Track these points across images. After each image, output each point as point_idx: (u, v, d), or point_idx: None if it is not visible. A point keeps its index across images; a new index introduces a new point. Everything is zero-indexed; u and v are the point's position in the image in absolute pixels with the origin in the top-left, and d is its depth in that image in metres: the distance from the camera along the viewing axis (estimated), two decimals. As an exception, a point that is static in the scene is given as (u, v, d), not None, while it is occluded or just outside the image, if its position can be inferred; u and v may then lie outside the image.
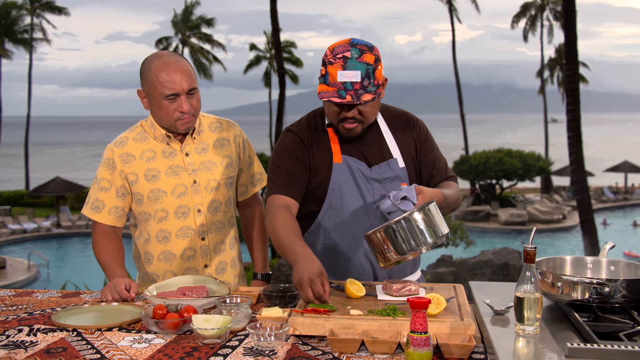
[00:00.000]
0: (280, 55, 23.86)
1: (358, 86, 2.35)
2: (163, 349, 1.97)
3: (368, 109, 2.46)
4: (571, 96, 15.70)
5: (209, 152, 2.78)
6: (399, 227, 2.14)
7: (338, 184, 2.55)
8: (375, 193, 2.55)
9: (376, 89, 2.38)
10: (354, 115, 2.45)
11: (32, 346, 2.00)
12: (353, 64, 2.36)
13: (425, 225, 2.16)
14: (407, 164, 2.61)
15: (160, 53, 2.66)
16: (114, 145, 2.74)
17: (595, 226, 15.77)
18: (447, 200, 2.48)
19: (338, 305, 2.16)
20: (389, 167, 2.57)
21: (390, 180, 2.57)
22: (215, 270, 2.81)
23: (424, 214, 2.17)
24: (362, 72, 2.35)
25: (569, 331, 1.91)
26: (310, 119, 2.65)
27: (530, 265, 1.89)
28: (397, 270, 2.63)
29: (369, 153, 2.58)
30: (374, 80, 2.38)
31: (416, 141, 2.65)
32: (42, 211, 35.38)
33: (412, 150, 2.64)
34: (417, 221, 2.15)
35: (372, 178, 2.56)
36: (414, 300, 1.80)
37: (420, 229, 2.15)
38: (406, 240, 2.15)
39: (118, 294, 2.50)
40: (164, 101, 2.60)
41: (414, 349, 1.79)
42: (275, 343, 1.96)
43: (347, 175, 2.55)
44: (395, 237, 2.15)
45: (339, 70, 2.36)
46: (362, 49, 2.38)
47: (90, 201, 2.76)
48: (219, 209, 2.79)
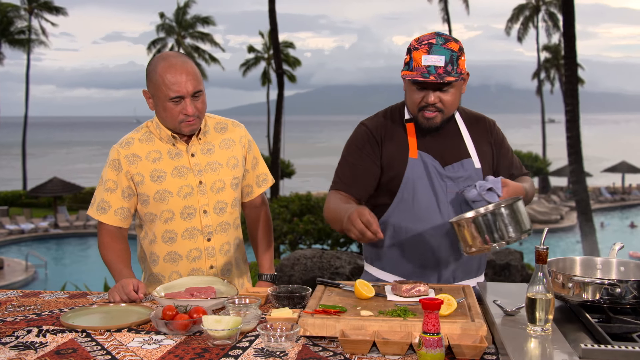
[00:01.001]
0: (278, 56, 23.86)
1: (442, 70, 2.42)
2: (173, 349, 1.96)
3: (449, 98, 2.49)
4: (570, 97, 15.73)
5: (214, 152, 2.77)
6: (488, 219, 2.25)
7: (412, 179, 2.57)
8: (449, 191, 2.57)
9: (459, 76, 2.43)
10: (435, 103, 2.48)
11: (42, 347, 1.99)
12: (438, 49, 2.43)
13: (511, 220, 2.25)
14: (482, 165, 2.62)
15: (167, 54, 2.65)
16: (119, 146, 2.73)
17: (594, 227, 15.80)
18: (527, 195, 2.57)
19: (348, 306, 2.15)
20: (462, 167, 2.59)
21: (463, 180, 2.58)
22: (221, 271, 2.81)
23: (511, 210, 2.25)
24: (447, 57, 2.42)
25: (580, 332, 1.91)
26: (388, 113, 2.70)
27: (542, 266, 1.88)
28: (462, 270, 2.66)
29: (446, 150, 2.60)
30: (457, 68, 2.43)
31: (492, 144, 2.69)
32: (39, 212, 35.33)
33: (487, 152, 2.66)
34: (504, 215, 2.24)
35: (447, 176, 2.58)
36: (426, 301, 1.80)
37: (506, 223, 2.24)
38: (492, 232, 2.24)
39: (126, 295, 2.49)
40: (169, 103, 2.59)
41: (427, 350, 1.79)
42: (286, 344, 1.95)
43: (421, 170, 2.57)
44: (483, 227, 2.25)
45: (423, 54, 2.43)
46: (447, 38, 2.47)
47: (95, 202, 2.75)
48: (224, 210, 2.78)
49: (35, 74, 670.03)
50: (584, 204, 15.70)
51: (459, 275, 2.66)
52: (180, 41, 45.73)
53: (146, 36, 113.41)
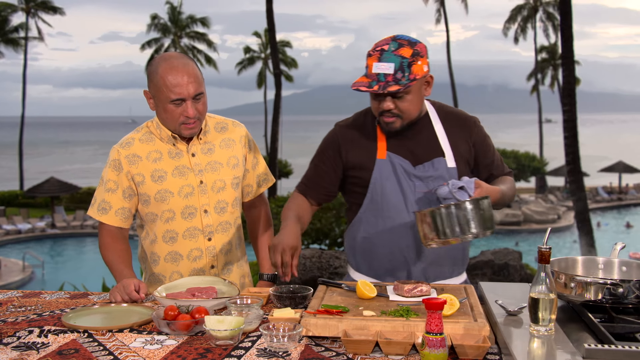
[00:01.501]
0: (276, 56, 23.86)
1: (390, 78, 2.40)
2: (176, 350, 1.96)
3: (405, 104, 2.49)
4: (567, 96, 15.74)
5: (215, 152, 2.77)
6: (448, 212, 2.23)
7: (380, 180, 2.59)
8: (417, 191, 2.57)
9: (408, 82, 2.40)
10: (391, 109, 2.48)
11: (43, 347, 1.98)
12: (388, 56, 2.42)
13: (473, 216, 2.23)
14: (458, 164, 2.61)
15: (168, 55, 2.63)
16: (119, 146, 2.72)
17: (591, 226, 15.82)
18: (504, 196, 2.54)
19: (350, 306, 2.15)
20: (432, 167, 2.58)
21: (433, 179, 2.57)
22: (222, 271, 2.80)
23: (475, 206, 2.24)
24: (396, 65, 2.40)
25: (583, 332, 1.91)
26: (361, 116, 2.72)
27: (545, 265, 1.89)
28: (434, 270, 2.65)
29: (417, 151, 2.60)
30: (408, 74, 2.41)
31: (470, 142, 2.65)
32: (36, 212, 35.28)
33: (465, 150, 2.64)
34: (466, 210, 2.23)
35: (415, 175, 2.58)
36: (429, 301, 1.80)
37: (467, 219, 2.23)
38: (451, 225, 2.23)
39: (127, 295, 2.48)
40: (170, 105, 2.58)
41: (430, 350, 1.79)
42: (289, 344, 1.95)
43: (389, 171, 2.58)
44: (442, 219, 2.23)
45: (374, 62, 2.43)
46: (402, 43, 2.44)
47: (96, 202, 2.74)
48: (225, 210, 2.78)
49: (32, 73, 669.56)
50: (582, 204, 15.72)
51: (430, 275, 2.64)
52: (176, 41, 45.68)
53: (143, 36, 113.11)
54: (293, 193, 2.77)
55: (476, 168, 2.68)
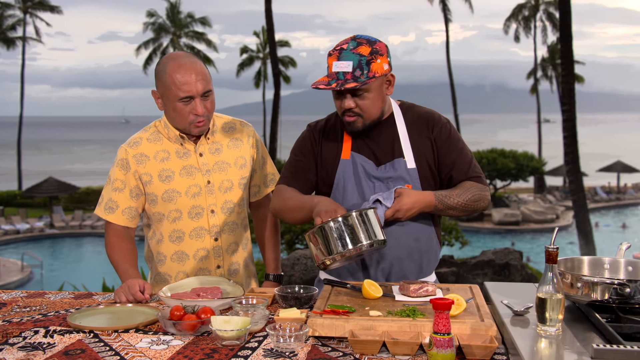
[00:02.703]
0: (275, 56, 23.83)
1: (349, 76, 2.41)
2: (182, 350, 1.96)
3: (366, 103, 2.49)
4: (567, 96, 15.75)
5: (222, 152, 2.77)
6: (325, 230, 2.22)
7: (342, 180, 2.59)
8: (377, 192, 2.55)
9: (367, 80, 2.40)
10: (351, 107, 2.49)
11: (50, 348, 1.98)
12: (346, 54, 2.43)
13: (342, 233, 2.20)
14: (419, 165, 2.58)
15: (176, 54, 2.64)
16: (127, 145, 2.72)
17: (590, 226, 15.84)
18: (446, 201, 2.48)
19: (356, 306, 2.15)
20: (392, 167, 2.57)
21: (392, 180, 2.56)
22: (228, 271, 2.80)
23: (336, 223, 2.21)
24: (354, 63, 2.41)
25: (590, 332, 1.91)
26: (332, 117, 2.72)
27: (552, 265, 1.88)
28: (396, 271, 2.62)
29: (380, 151, 2.60)
30: (367, 72, 2.41)
31: (433, 142, 2.61)
32: (35, 212, 35.23)
33: (427, 151, 2.60)
34: (331, 230, 2.21)
35: (375, 176, 2.57)
36: (437, 301, 1.80)
37: (338, 236, 2.21)
38: (329, 244, 2.21)
39: (132, 295, 2.48)
40: (178, 103, 2.58)
41: (437, 350, 1.79)
42: (295, 344, 1.95)
43: (350, 171, 2.59)
44: (324, 237, 2.22)
45: (334, 60, 2.45)
46: (361, 42, 2.46)
47: (103, 202, 2.74)
48: (232, 210, 2.78)
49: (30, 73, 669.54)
50: (581, 203, 15.74)
51: (393, 276, 2.61)
52: (175, 41, 45.64)
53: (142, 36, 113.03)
54: (278, 187, 2.68)
55: (437, 168, 2.62)
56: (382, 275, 2.62)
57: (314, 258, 2.29)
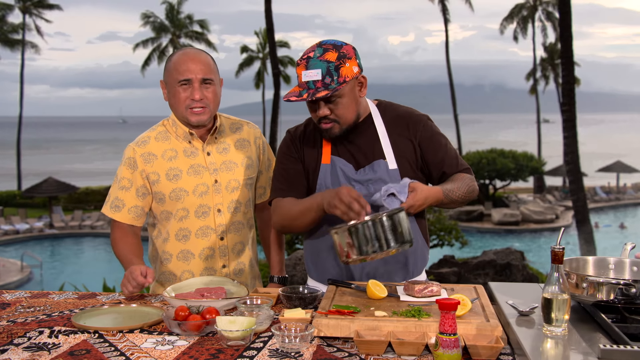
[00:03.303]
0: (275, 56, 23.83)
1: (320, 84, 2.39)
2: (187, 350, 1.95)
3: (340, 109, 2.47)
4: (567, 96, 15.76)
5: (230, 152, 2.77)
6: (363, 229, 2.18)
7: (324, 185, 2.58)
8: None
9: (337, 86, 2.39)
10: (327, 115, 2.47)
11: (55, 348, 1.98)
12: (314, 62, 2.41)
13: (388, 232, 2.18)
14: (400, 166, 2.56)
15: (187, 48, 2.70)
16: (135, 144, 2.73)
17: (590, 226, 15.84)
18: (450, 194, 2.49)
19: (361, 307, 2.15)
20: (372, 170, 2.55)
21: (373, 182, 2.54)
22: (234, 271, 2.80)
23: (391, 221, 2.19)
24: (323, 70, 2.39)
25: (596, 332, 1.91)
26: (310, 121, 2.69)
27: (558, 266, 1.88)
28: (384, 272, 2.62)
29: (359, 154, 2.58)
30: (337, 78, 2.39)
31: (415, 142, 2.59)
32: (34, 212, 35.21)
33: (408, 151, 2.58)
34: (382, 225, 2.18)
35: (355, 179, 2.56)
36: (443, 302, 1.80)
37: (383, 234, 2.18)
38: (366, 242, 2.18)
39: (134, 280, 2.46)
40: (178, 87, 2.62)
41: (443, 351, 1.78)
42: (301, 345, 1.94)
43: (331, 176, 2.58)
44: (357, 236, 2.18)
45: (302, 70, 2.42)
46: (327, 48, 2.42)
47: (110, 200, 2.74)
48: (238, 210, 2.78)
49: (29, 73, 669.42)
50: (581, 204, 15.74)
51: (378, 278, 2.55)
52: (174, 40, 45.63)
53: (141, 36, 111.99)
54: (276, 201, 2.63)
55: (426, 167, 2.62)
56: (366, 278, 2.58)
57: (339, 253, 2.25)
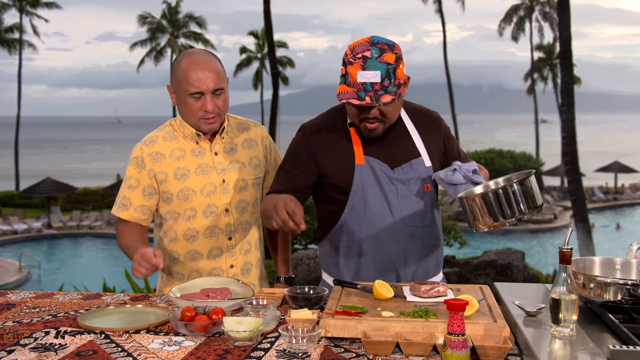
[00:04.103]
0: (273, 56, 23.81)
1: (378, 87, 2.32)
2: (195, 351, 1.95)
3: (390, 109, 2.44)
4: (566, 97, 15.76)
5: (237, 152, 2.77)
6: (500, 194, 2.19)
7: (361, 186, 2.53)
8: (400, 194, 2.53)
9: (397, 89, 2.35)
10: (375, 115, 2.43)
11: (62, 349, 1.97)
12: (373, 63, 2.32)
13: (524, 196, 2.20)
14: (433, 163, 2.58)
15: (193, 50, 2.66)
16: (143, 144, 2.72)
17: (589, 226, 15.85)
18: None
19: (368, 307, 2.15)
20: (411, 168, 2.55)
21: (414, 181, 2.54)
22: (241, 270, 2.80)
23: (524, 185, 2.20)
24: (382, 72, 2.32)
25: (603, 333, 1.91)
26: (329, 118, 2.63)
27: (566, 266, 1.88)
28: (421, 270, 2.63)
29: (394, 153, 2.55)
30: (394, 80, 2.34)
31: (440, 138, 2.63)
32: (32, 212, 35.20)
33: (437, 147, 2.61)
34: (517, 191, 2.19)
35: (396, 179, 2.54)
36: (451, 302, 1.79)
37: (518, 200, 2.19)
38: (503, 207, 2.19)
39: (147, 262, 2.38)
40: (189, 99, 2.59)
41: (452, 351, 1.78)
42: (308, 345, 1.94)
43: (370, 176, 2.53)
44: (494, 202, 2.19)
45: (358, 70, 2.32)
46: (383, 48, 2.35)
47: (118, 200, 2.74)
48: (246, 209, 2.78)
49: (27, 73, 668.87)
50: (580, 204, 15.75)
51: (417, 276, 2.62)
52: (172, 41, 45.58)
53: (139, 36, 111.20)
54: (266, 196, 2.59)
55: (445, 161, 2.64)
56: (411, 277, 2.61)
57: (470, 220, 2.25)
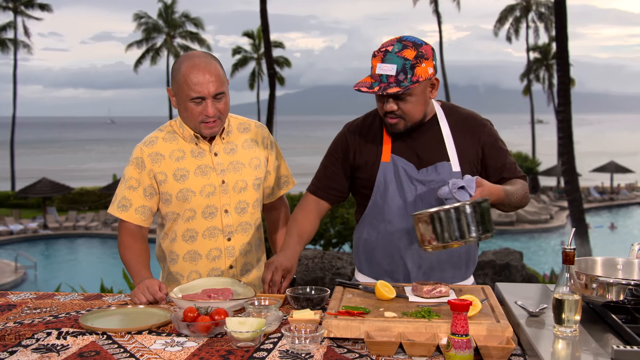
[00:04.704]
0: (270, 56, 23.80)
1: (392, 79, 2.39)
2: (197, 352, 1.94)
3: (408, 106, 2.47)
4: (562, 97, 15.79)
5: (237, 152, 2.77)
6: (447, 215, 2.18)
7: (383, 183, 2.58)
8: (418, 194, 2.55)
9: (410, 84, 2.38)
10: (393, 110, 2.47)
11: (64, 350, 1.97)
12: (391, 57, 2.40)
13: (472, 220, 2.18)
14: (463, 168, 2.57)
15: (193, 53, 2.64)
16: (143, 144, 2.72)
17: (586, 227, 15.88)
18: (510, 196, 2.47)
19: (370, 307, 2.14)
20: (435, 171, 2.55)
21: (435, 183, 2.54)
22: (241, 271, 2.80)
23: (473, 209, 2.18)
24: (399, 66, 2.38)
25: (606, 333, 1.91)
26: (369, 117, 2.72)
27: (569, 266, 1.88)
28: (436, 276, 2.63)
29: (422, 153, 2.58)
30: (411, 76, 2.39)
31: (479, 146, 2.60)
32: (28, 212, 35.11)
33: (472, 154, 2.59)
34: (465, 213, 2.17)
35: (417, 179, 2.55)
36: (455, 302, 1.79)
37: (467, 222, 2.18)
38: (450, 229, 2.18)
39: (152, 295, 2.45)
40: (190, 103, 2.58)
41: (456, 352, 1.78)
42: (311, 346, 1.94)
43: (392, 174, 2.58)
44: (441, 223, 2.18)
45: (378, 62, 2.42)
46: (406, 45, 2.42)
47: (117, 200, 2.73)
48: (246, 210, 2.77)
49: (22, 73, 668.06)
50: (577, 204, 15.77)
51: (433, 278, 2.62)
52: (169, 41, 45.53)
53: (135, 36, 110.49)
54: (304, 195, 2.77)
55: (485, 171, 2.62)
56: (423, 277, 2.62)
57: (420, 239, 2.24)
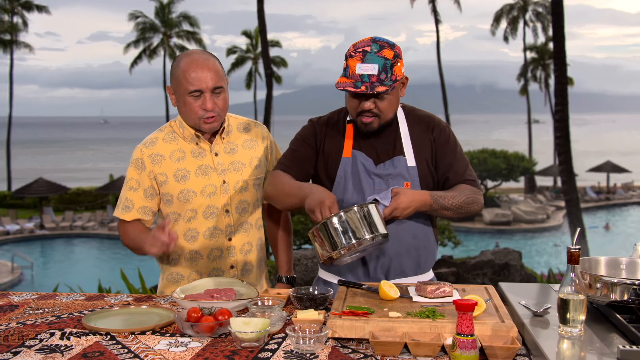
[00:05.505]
0: (267, 56, 23.79)
1: (375, 79, 2.44)
2: (202, 352, 1.94)
3: (385, 104, 2.53)
4: (559, 97, 15.81)
5: (237, 152, 2.77)
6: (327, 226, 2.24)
7: (343, 178, 2.63)
8: (376, 189, 2.59)
9: (392, 83, 2.45)
10: (371, 109, 2.52)
11: (68, 350, 1.96)
12: (371, 57, 2.46)
13: (347, 227, 2.23)
14: (419, 164, 2.63)
15: (192, 51, 2.67)
16: (143, 145, 2.72)
17: (583, 226, 15.90)
18: (441, 201, 2.51)
19: (374, 307, 2.14)
20: (392, 165, 2.61)
21: (392, 177, 2.60)
22: (241, 271, 2.79)
23: (339, 218, 2.23)
24: (380, 66, 2.44)
25: (611, 333, 1.91)
26: (334, 114, 2.76)
27: (574, 266, 1.88)
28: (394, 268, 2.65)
29: (380, 149, 2.64)
30: (391, 75, 2.46)
31: (432, 144, 2.66)
32: (25, 212, 35.05)
33: (426, 151, 2.65)
34: (334, 224, 2.23)
35: (375, 173, 2.60)
36: (460, 302, 1.79)
37: (345, 229, 2.23)
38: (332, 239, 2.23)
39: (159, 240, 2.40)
40: (188, 98, 2.59)
41: (461, 352, 1.78)
42: (316, 346, 1.94)
43: (351, 169, 2.62)
44: (326, 232, 2.24)
45: (357, 63, 2.47)
46: (382, 45, 2.49)
47: (121, 202, 2.73)
48: (246, 210, 2.77)
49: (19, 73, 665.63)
50: (574, 204, 15.79)
51: (392, 273, 2.64)
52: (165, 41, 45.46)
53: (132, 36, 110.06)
54: (274, 172, 2.70)
55: (435, 169, 2.67)
56: (381, 271, 2.65)
57: (319, 256, 2.30)
